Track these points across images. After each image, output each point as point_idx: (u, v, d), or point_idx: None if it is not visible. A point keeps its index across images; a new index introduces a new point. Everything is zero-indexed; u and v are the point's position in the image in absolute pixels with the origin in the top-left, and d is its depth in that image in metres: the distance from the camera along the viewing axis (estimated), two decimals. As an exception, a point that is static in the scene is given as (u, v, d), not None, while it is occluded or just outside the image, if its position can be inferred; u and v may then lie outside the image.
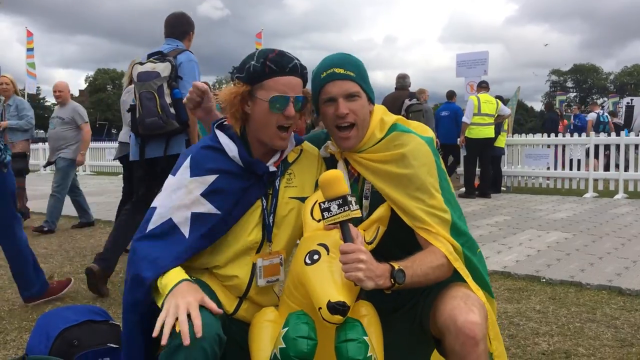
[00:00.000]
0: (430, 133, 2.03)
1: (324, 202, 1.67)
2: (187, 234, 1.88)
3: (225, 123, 2.05)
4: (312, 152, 2.15)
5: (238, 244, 1.95)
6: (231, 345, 1.96)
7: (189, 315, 1.60)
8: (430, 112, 10.25)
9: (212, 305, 1.69)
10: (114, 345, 2.30)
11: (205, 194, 1.91)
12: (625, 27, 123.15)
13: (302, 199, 2.04)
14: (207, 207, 1.90)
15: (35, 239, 6.47)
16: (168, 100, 3.91)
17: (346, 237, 1.65)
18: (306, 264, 1.69)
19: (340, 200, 1.65)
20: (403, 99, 7.91)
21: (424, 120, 9.14)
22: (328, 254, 1.69)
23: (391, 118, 2.03)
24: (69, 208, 7.86)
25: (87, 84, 76.12)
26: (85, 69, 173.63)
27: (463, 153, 10.37)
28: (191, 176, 1.94)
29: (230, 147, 1.95)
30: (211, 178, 1.93)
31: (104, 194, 12.08)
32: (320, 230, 1.83)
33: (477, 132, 10.00)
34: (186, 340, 1.54)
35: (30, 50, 19.84)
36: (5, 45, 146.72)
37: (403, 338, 1.98)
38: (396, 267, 1.68)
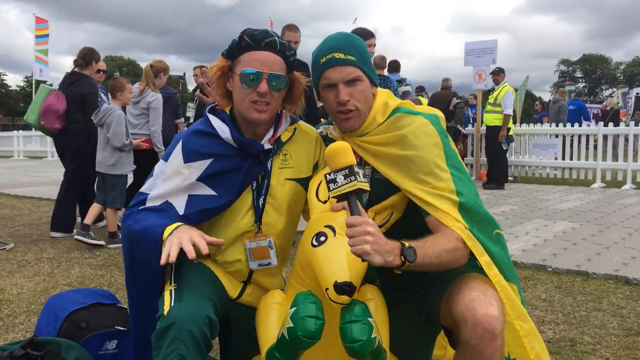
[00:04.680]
0: (436, 111, 1.95)
1: (329, 174, 1.60)
2: (181, 212, 1.88)
3: (216, 107, 2.03)
4: (309, 131, 2.10)
5: (233, 228, 1.94)
6: (237, 328, 1.98)
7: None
8: (564, 107, 11.95)
9: (211, 238, 1.75)
10: (122, 328, 2.32)
11: (202, 179, 1.90)
12: (633, 18, 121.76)
13: (299, 180, 2.00)
14: (204, 190, 1.90)
15: (44, 225, 6.50)
16: None
17: (353, 209, 1.58)
18: (313, 245, 1.68)
19: (347, 171, 1.58)
20: (450, 97, 10.41)
21: (462, 115, 10.43)
22: (335, 236, 1.67)
23: (395, 101, 1.97)
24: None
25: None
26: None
27: (505, 147, 10.24)
28: (185, 162, 1.91)
29: (223, 129, 1.91)
30: (206, 162, 1.90)
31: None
32: (327, 212, 1.81)
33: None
34: (191, 254, 1.65)
35: (44, 37, 19.66)
36: (15, 33, 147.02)
37: (409, 325, 1.96)
38: (407, 245, 1.60)
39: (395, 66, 9.74)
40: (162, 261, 1.65)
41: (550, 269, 4.39)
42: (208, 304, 1.68)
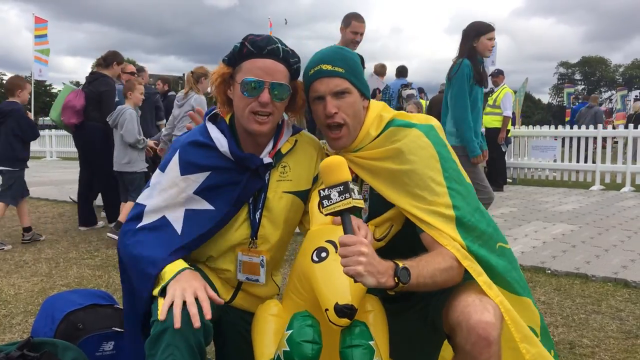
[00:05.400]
0: (432, 121, 1.89)
1: (323, 190, 1.54)
2: (179, 231, 1.81)
3: (217, 112, 1.95)
4: (311, 142, 2.03)
5: (226, 239, 1.88)
6: (232, 334, 1.95)
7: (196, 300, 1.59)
8: (600, 112, 12.47)
9: (213, 294, 1.68)
10: (119, 329, 2.30)
11: (199, 192, 1.83)
12: (632, 20, 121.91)
13: (297, 193, 1.95)
14: (201, 204, 1.84)
15: (42, 225, 6.50)
16: None
17: (347, 228, 1.52)
18: (313, 261, 1.63)
19: (342, 187, 1.51)
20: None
21: None
22: (336, 252, 1.60)
23: (390, 114, 1.90)
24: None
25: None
26: (93, 56, 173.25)
27: (504, 149, 10.25)
28: (182, 174, 1.85)
29: (221, 142, 1.84)
30: (203, 175, 1.84)
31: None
32: (328, 224, 1.75)
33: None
34: (196, 323, 1.54)
35: (43, 37, 19.60)
36: (14, 33, 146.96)
37: (413, 334, 1.92)
38: (400, 265, 1.54)
39: (402, 71, 10.26)
40: (162, 317, 1.56)
41: (549, 272, 4.39)
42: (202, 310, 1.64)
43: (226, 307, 1.94)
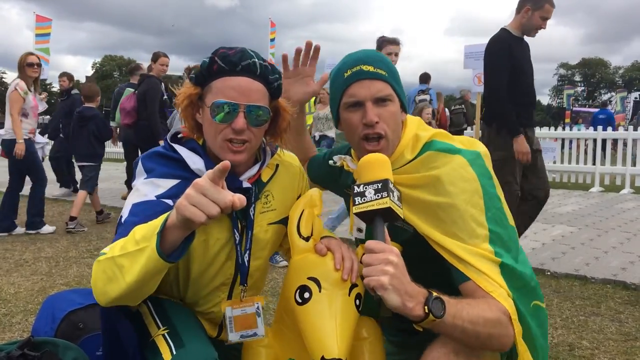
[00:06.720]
0: (479, 147, 1.61)
1: (358, 186, 1.36)
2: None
3: (180, 136, 1.68)
4: (293, 162, 1.82)
5: (206, 286, 1.66)
6: None
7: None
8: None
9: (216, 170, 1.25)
10: (119, 329, 2.30)
11: (163, 197, 1.50)
12: (632, 22, 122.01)
13: (282, 221, 1.73)
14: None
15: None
16: None
17: (377, 232, 1.32)
18: (297, 302, 1.51)
19: (379, 185, 1.34)
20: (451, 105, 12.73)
21: (463, 119, 10.68)
22: (320, 292, 1.48)
23: (428, 133, 1.63)
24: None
25: (94, 70, 76.09)
26: (93, 55, 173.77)
27: None
28: (146, 178, 1.56)
29: (194, 159, 1.57)
30: (171, 182, 1.53)
31: (109, 179, 12.09)
32: (309, 252, 1.59)
33: None
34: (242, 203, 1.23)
35: (45, 35, 19.57)
36: (15, 31, 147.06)
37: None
38: (434, 295, 1.30)
39: (423, 78, 10.51)
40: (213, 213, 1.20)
41: (549, 273, 4.39)
42: (210, 346, 1.49)
43: (214, 342, 1.68)
